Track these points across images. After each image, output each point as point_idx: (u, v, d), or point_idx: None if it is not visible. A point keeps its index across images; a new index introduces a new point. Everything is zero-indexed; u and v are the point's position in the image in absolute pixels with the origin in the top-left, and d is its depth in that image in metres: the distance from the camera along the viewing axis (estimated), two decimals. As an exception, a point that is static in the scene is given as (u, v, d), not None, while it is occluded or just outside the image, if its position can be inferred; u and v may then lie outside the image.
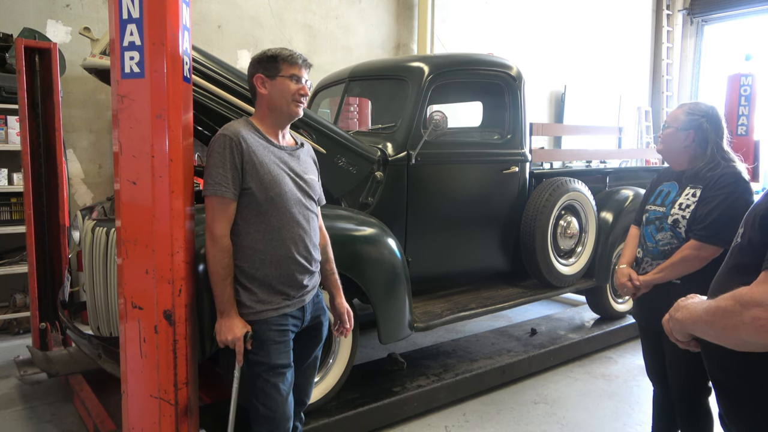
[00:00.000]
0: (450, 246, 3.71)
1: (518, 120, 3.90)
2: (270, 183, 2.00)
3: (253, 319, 2.02)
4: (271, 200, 2.01)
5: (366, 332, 4.03)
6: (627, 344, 4.48)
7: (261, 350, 2.03)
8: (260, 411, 2.06)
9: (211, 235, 1.98)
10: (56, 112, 3.80)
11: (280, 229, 2.03)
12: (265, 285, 2.03)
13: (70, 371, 3.39)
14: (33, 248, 3.73)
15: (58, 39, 4.80)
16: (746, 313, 1.11)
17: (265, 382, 2.04)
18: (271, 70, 2.04)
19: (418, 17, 7.13)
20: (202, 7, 5.61)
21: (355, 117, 5.08)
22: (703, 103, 2.40)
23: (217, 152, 1.96)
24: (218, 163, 1.96)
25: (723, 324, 1.18)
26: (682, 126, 2.33)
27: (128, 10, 1.96)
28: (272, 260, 2.03)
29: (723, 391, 1.37)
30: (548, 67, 8.58)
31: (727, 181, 2.20)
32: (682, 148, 2.34)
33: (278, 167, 2.05)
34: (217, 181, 1.96)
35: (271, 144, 2.07)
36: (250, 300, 2.02)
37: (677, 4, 10.34)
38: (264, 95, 2.07)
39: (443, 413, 3.30)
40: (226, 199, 1.97)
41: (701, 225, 2.21)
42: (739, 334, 1.14)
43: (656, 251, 2.38)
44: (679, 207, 2.31)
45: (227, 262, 1.98)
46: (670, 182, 2.44)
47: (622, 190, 4.57)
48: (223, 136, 1.98)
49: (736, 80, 6.14)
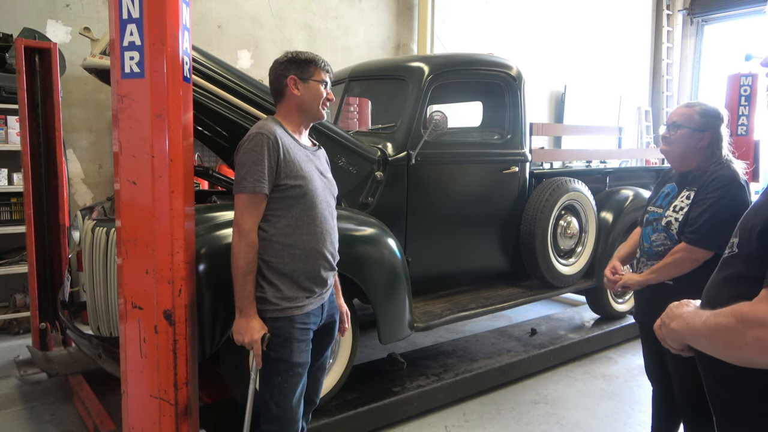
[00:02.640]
0: (450, 246, 3.71)
1: (518, 120, 3.90)
2: (303, 180, 2.04)
3: (278, 316, 2.02)
4: (304, 196, 2.04)
5: (366, 332, 4.03)
6: (627, 344, 4.48)
7: (283, 348, 2.02)
8: (273, 411, 2.05)
9: (239, 229, 1.97)
10: (56, 112, 3.79)
11: (311, 223, 2.06)
12: (292, 281, 2.04)
13: (70, 371, 3.39)
14: (33, 248, 3.72)
15: (58, 39, 4.80)
16: (749, 333, 1.08)
17: (283, 382, 2.04)
18: (305, 73, 2.08)
19: (418, 17, 7.13)
20: (202, 7, 5.61)
21: (355, 117, 5.08)
22: (706, 103, 2.35)
23: (255, 150, 1.96)
24: (256, 160, 1.95)
25: (724, 342, 1.15)
26: (698, 127, 2.26)
27: (128, 10, 1.96)
28: (302, 254, 2.04)
29: (718, 404, 1.35)
30: (548, 67, 8.58)
31: (719, 184, 2.18)
32: (697, 150, 2.28)
33: (309, 164, 2.09)
34: (256, 178, 1.95)
35: (298, 143, 2.10)
36: (276, 296, 2.02)
37: (677, 4, 10.34)
38: (296, 96, 2.09)
39: (443, 413, 3.30)
40: (260, 195, 1.97)
41: (691, 228, 2.20)
42: (741, 353, 1.12)
43: (651, 252, 2.39)
44: (674, 209, 2.30)
45: (252, 258, 1.98)
46: (671, 184, 2.43)
47: (622, 190, 4.57)
48: (261, 135, 1.97)
49: (736, 80, 6.14)
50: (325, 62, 2.14)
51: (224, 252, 2.14)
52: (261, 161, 1.95)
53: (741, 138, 6.01)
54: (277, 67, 2.11)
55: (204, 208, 2.60)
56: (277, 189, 2.00)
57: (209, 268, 2.31)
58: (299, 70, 2.08)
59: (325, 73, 2.13)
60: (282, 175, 1.99)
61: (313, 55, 2.12)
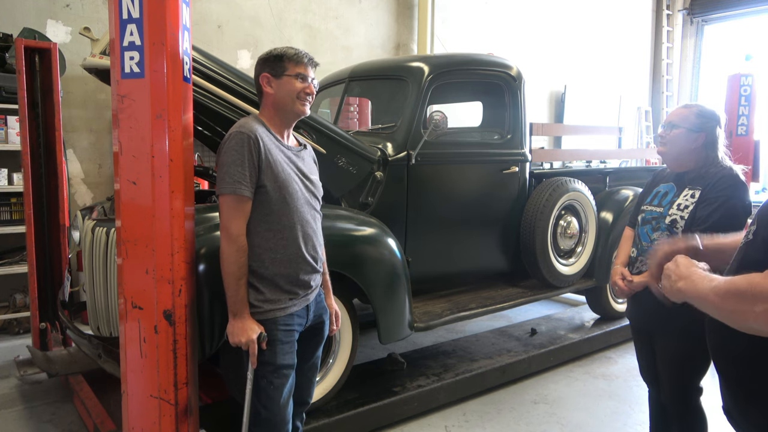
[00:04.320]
0: (450, 246, 3.71)
1: (518, 120, 3.90)
2: (283, 182, 2.00)
3: (260, 318, 2.01)
4: (283, 199, 2.01)
5: (366, 332, 4.03)
6: (627, 344, 4.48)
7: (267, 350, 2.02)
8: (261, 414, 2.05)
9: (227, 234, 1.95)
10: (56, 112, 3.79)
11: (291, 227, 2.03)
12: (274, 284, 2.03)
13: (70, 371, 3.39)
14: (33, 248, 3.72)
15: (58, 39, 4.80)
16: (759, 305, 1.11)
17: (269, 384, 2.03)
18: (277, 69, 2.03)
19: (418, 17, 7.13)
20: (202, 7, 5.61)
21: (355, 117, 5.08)
22: (703, 105, 2.36)
23: (235, 150, 1.93)
24: (236, 161, 1.92)
25: (732, 308, 1.17)
26: (694, 127, 2.27)
27: (128, 10, 1.96)
28: (282, 259, 2.03)
29: (730, 382, 1.36)
30: (548, 67, 8.58)
31: (727, 183, 2.19)
32: (691, 150, 2.29)
33: (288, 166, 2.05)
34: (236, 179, 1.92)
35: (280, 143, 2.07)
36: (258, 299, 2.01)
37: (677, 4, 10.34)
38: (270, 94, 2.05)
39: (443, 413, 3.30)
40: (243, 197, 1.95)
41: (702, 227, 2.20)
42: (747, 321, 1.14)
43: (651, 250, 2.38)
44: (678, 207, 2.30)
45: (243, 262, 1.96)
46: (667, 184, 2.43)
47: (622, 190, 4.57)
48: (241, 134, 1.94)
49: (736, 80, 6.13)
50: (299, 54, 2.05)
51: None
52: (241, 161, 1.92)
53: (741, 138, 6.01)
54: (256, 68, 2.09)
55: (204, 208, 2.60)
56: (257, 191, 1.98)
57: (209, 268, 2.31)
58: (271, 68, 2.04)
59: (301, 66, 2.04)
60: (262, 176, 1.96)
61: (285, 49, 2.05)
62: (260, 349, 2.01)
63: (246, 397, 2.06)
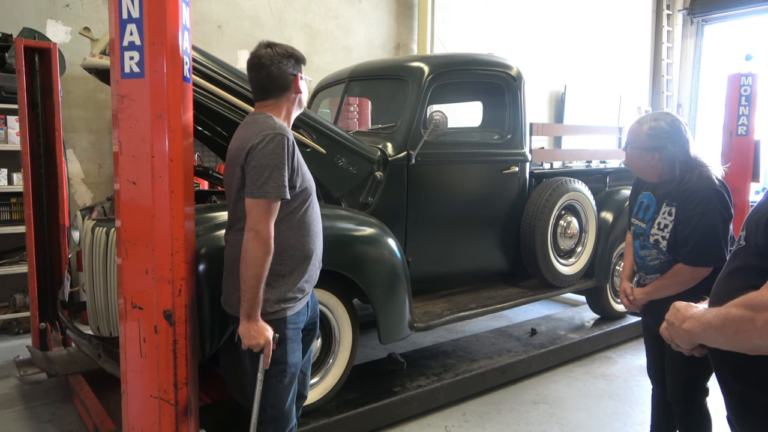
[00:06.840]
0: (450, 246, 3.71)
1: (518, 120, 3.90)
2: (309, 181, 2.05)
3: (272, 318, 2.00)
4: (308, 197, 2.06)
5: (366, 332, 4.02)
6: (627, 344, 4.48)
7: (278, 349, 2.01)
8: (267, 413, 2.05)
9: (258, 236, 1.89)
10: (56, 112, 3.79)
11: (310, 225, 2.07)
12: (289, 282, 2.03)
13: (70, 371, 3.39)
14: (33, 248, 3.72)
15: (58, 39, 4.80)
16: (759, 318, 1.10)
17: (279, 383, 2.04)
18: (301, 71, 2.10)
19: (418, 17, 7.13)
20: (202, 7, 5.61)
21: (355, 117, 5.08)
22: (662, 117, 2.27)
23: (277, 153, 1.89)
24: (279, 164, 1.89)
25: (734, 329, 1.16)
26: (647, 146, 2.24)
27: (128, 10, 1.96)
28: (300, 256, 2.05)
29: (735, 398, 1.35)
30: (548, 67, 8.58)
31: (699, 199, 2.16)
32: (649, 167, 2.28)
33: (305, 165, 2.10)
34: (280, 183, 1.89)
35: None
36: (272, 299, 2.01)
37: (677, 4, 10.34)
38: (300, 93, 2.10)
39: (443, 413, 3.30)
40: (279, 200, 1.93)
41: (686, 249, 2.19)
42: (752, 338, 1.13)
43: (647, 266, 2.40)
44: (658, 227, 2.29)
45: (268, 266, 1.93)
46: (647, 193, 2.42)
47: (622, 190, 4.56)
48: (281, 136, 1.91)
49: (736, 80, 6.12)
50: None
51: (224, 252, 2.14)
52: (284, 165, 1.90)
53: (741, 138, 5.99)
54: (283, 62, 2.03)
55: (204, 208, 2.60)
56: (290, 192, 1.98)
57: (209, 268, 2.31)
58: (300, 68, 2.10)
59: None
60: (294, 177, 1.97)
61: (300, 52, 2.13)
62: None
63: (255, 398, 2.05)
